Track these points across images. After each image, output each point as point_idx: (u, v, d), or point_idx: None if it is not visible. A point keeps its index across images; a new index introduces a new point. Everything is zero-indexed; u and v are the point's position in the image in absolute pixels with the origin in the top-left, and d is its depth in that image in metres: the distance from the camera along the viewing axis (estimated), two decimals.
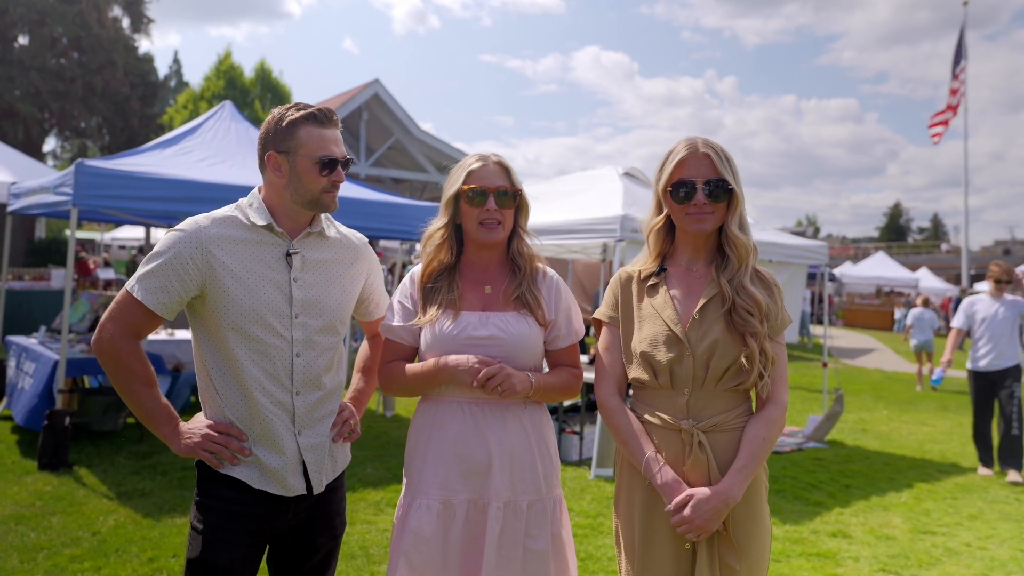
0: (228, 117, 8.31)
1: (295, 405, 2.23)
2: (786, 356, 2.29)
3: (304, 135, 2.21)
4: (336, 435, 2.34)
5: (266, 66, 33.56)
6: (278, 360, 2.20)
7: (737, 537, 2.17)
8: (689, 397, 2.18)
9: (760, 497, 2.25)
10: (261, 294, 2.19)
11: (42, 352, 6.75)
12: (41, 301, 11.75)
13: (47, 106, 23.48)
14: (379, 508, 5.43)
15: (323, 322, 2.27)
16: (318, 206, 2.26)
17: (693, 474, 2.16)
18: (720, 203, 2.22)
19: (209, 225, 2.20)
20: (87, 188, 6.05)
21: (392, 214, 7.56)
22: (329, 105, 2.38)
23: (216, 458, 2.18)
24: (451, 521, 2.26)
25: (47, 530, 4.68)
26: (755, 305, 2.19)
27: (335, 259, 2.35)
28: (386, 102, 19.66)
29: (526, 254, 2.42)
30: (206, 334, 2.23)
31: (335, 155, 2.23)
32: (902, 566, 4.81)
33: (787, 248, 8.55)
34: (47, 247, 20.28)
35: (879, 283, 33.79)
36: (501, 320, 2.32)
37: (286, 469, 2.21)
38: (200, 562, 2.17)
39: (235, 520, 2.19)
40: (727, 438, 2.18)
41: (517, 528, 2.26)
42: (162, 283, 2.15)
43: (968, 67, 22.22)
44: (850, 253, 50.30)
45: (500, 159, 2.40)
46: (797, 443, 8.23)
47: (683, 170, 2.24)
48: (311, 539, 2.34)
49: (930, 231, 79.64)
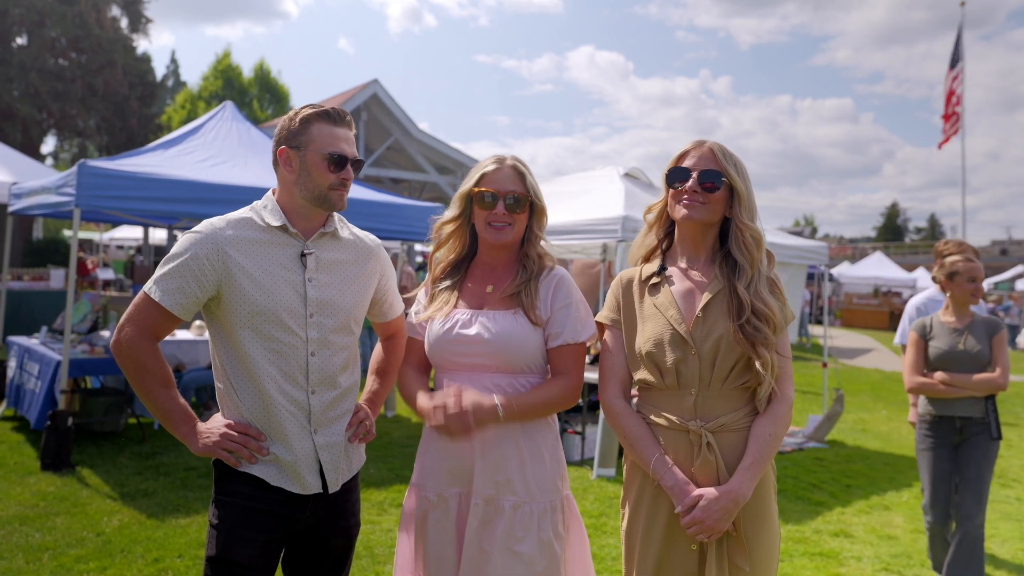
0: (229, 118, 8.32)
1: (311, 404, 2.25)
2: (790, 352, 2.29)
3: (316, 131, 2.25)
4: (351, 436, 2.36)
5: (265, 66, 33.56)
6: (293, 359, 2.23)
7: (746, 537, 2.17)
8: (696, 397, 2.19)
9: (769, 496, 2.25)
10: (276, 294, 2.21)
11: (45, 353, 6.75)
12: (41, 301, 11.75)
13: (46, 107, 23.42)
14: (383, 508, 5.44)
15: (338, 322, 2.30)
16: (326, 203, 2.27)
17: (702, 475, 2.16)
18: (712, 194, 2.22)
19: (225, 227, 2.23)
20: (90, 188, 6.06)
21: (392, 214, 7.57)
22: (328, 105, 2.41)
23: (234, 457, 2.20)
24: (445, 513, 2.31)
25: (51, 530, 4.69)
26: (771, 313, 2.19)
27: (349, 260, 2.37)
28: (385, 102, 19.68)
29: (534, 257, 2.41)
30: (223, 335, 2.25)
31: (345, 152, 2.26)
32: (904, 565, 4.83)
33: (787, 248, 8.58)
34: (45, 247, 20.25)
35: (877, 283, 33.85)
36: (488, 319, 2.31)
37: (302, 467, 2.23)
38: (219, 559, 2.19)
39: (253, 516, 2.21)
40: (735, 438, 2.19)
41: (498, 527, 2.24)
42: (179, 284, 2.18)
43: (965, 67, 22.25)
44: (847, 253, 50.35)
45: (516, 163, 2.40)
46: (798, 443, 8.26)
47: (683, 160, 2.29)
48: (325, 539, 2.36)
49: (927, 231, 79.75)
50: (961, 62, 21.87)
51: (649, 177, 8.98)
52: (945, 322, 4.30)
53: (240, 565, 2.18)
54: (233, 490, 2.23)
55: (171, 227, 10.43)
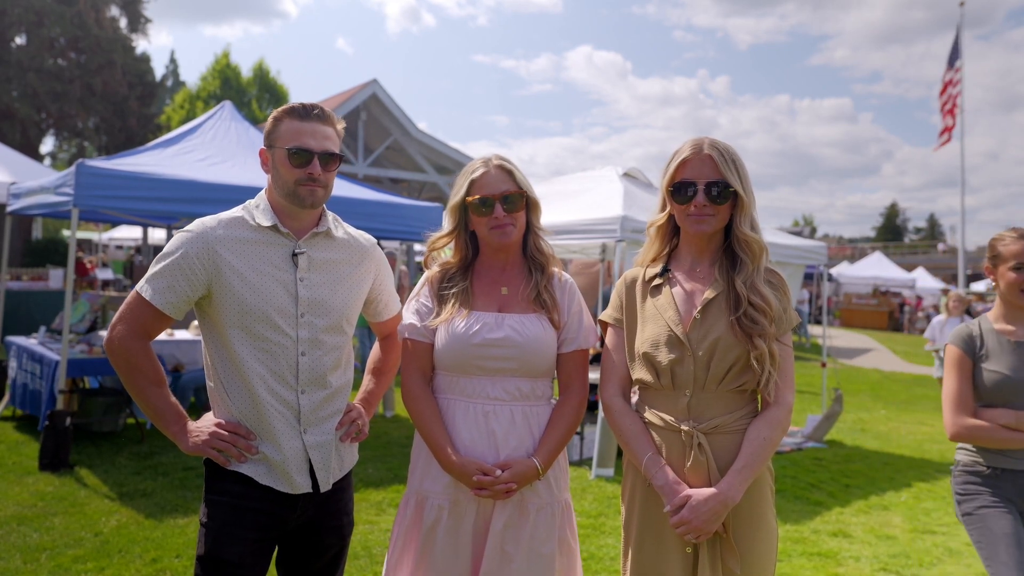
0: (228, 117, 8.32)
1: (300, 404, 2.25)
2: (792, 356, 2.29)
3: (284, 128, 2.25)
4: (344, 435, 2.35)
5: (264, 66, 33.53)
6: (283, 359, 2.22)
7: (738, 539, 2.16)
8: (690, 398, 2.19)
9: (764, 499, 2.24)
10: (267, 293, 2.21)
11: (44, 354, 6.73)
12: (40, 301, 11.75)
13: (45, 107, 23.40)
14: (381, 508, 5.44)
15: (329, 322, 2.29)
16: (296, 199, 2.25)
17: (693, 476, 2.16)
18: (721, 205, 2.21)
19: (216, 226, 2.23)
20: (88, 188, 6.05)
21: (391, 214, 7.56)
22: (328, 105, 2.41)
23: (223, 456, 2.20)
24: (461, 519, 2.26)
25: (49, 531, 4.68)
26: (767, 306, 2.19)
27: (342, 259, 2.36)
28: (384, 102, 19.64)
29: (545, 252, 2.42)
30: (214, 334, 2.25)
31: (307, 146, 2.22)
32: (903, 566, 4.83)
33: (787, 248, 8.57)
34: (44, 247, 20.24)
35: (876, 283, 33.85)
36: (516, 322, 2.30)
37: (292, 467, 2.22)
38: (209, 558, 2.19)
39: (242, 515, 2.21)
40: (730, 440, 2.18)
41: (523, 529, 2.25)
42: (169, 283, 2.19)
43: (964, 67, 22.23)
44: (847, 253, 50.36)
45: (502, 162, 2.38)
46: (797, 443, 8.26)
47: (685, 170, 2.24)
48: (319, 539, 2.35)
49: (926, 231, 79.77)
50: (960, 61, 21.87)
51: (648, 177, 8.98)
52: (1001, 331, 2.94)
53: (230, 564, 2.18)
54: (223, 489, 2.23)
55: (170, 227, 10.43)
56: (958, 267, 26.70)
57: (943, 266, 42.40)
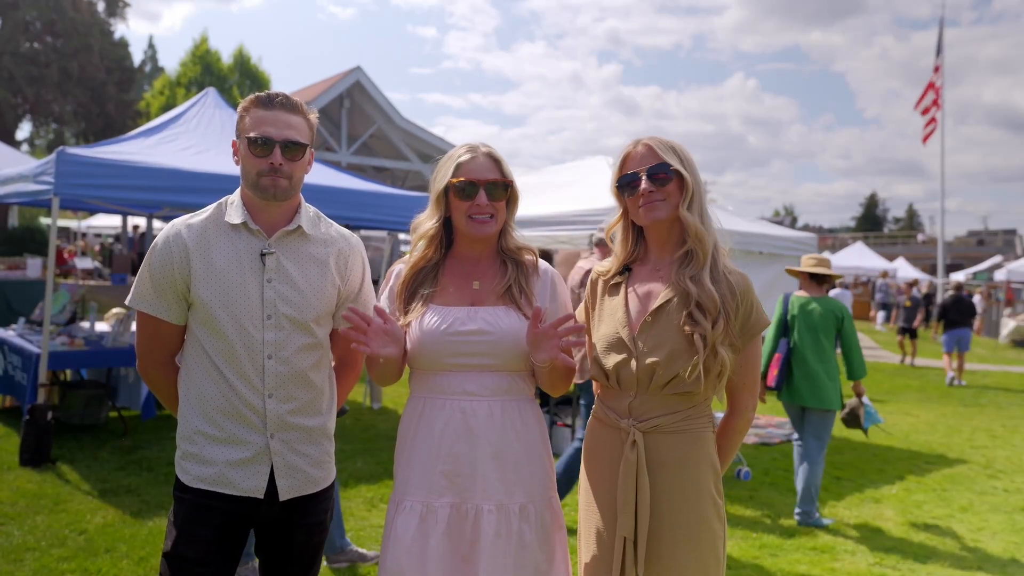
0: (212, 105, 8.15)
1: (267, 408, 2.19)
2: (759, 361, 2.26)
3: (248, 118, 2.20)
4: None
5: (245, 52, 33.05)
6: (248, 362, 2.16)
7: (675, 542, 2.11)
8: (633, 399, 2.17)
9: (702, 503, 2.14)
10: (233, 294, 2.16)
11: (24, 346, 6.57)
12: (17, 291, 11.50)
13: (21, 91, 23.04)
14: (372, 504, 5.36)
15: (297, 324, 2.21)
16: (258, 191, 2.18)
17: (623, 473, 2.14)
18: (666, 186, 2.18)
19: (189, 225, 2.23)
20: (69, 177, 5.89)
21: (375, 203, 7.40)
22: (310, 92, 2.36)
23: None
24: (432, 526, 2.16)
25: (33, 530, 4.56)
26: (710, 303, 2.11)
27: (313, 259, 2.27)
28: (368, 90, 19.42)
29: (513, 247, 2.33)
30: (188, 331, 2.26)
31: (268, 135, 2.14)
32: (898, 559, 4.82)
33: (776, 240, 8.54)
34: (21, 235, 19.91)
35: (857, 273, 34.06)
36: (489, 315, 2.23)
37: (250, 470, 2.19)
38: (172, 555, 2.19)
39: (204, 513, 2.20)
40: (671, 439, 2.14)
41: (510, 530, 2.18)
42: (153, 289, 2.22)
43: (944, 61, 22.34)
44: (827, 243, 50.67)
45: (490, 150, 2.31)
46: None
47: (627, 165, 2.26)
48: (288, 534, 2.31)
49: (905, 221, 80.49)
50: (941, 56, 22.00)
51: None
52: None
53: (191, 561, 2.18)
54: (186, 487, 2.23)
55: (151, 215, 10.25)
56: (937, 257, 26.94)
57: (923, 256, 42.84)
